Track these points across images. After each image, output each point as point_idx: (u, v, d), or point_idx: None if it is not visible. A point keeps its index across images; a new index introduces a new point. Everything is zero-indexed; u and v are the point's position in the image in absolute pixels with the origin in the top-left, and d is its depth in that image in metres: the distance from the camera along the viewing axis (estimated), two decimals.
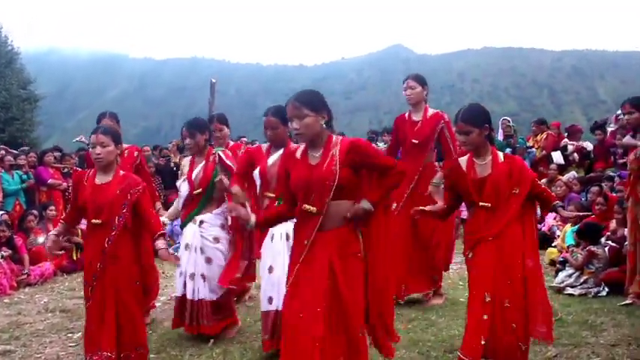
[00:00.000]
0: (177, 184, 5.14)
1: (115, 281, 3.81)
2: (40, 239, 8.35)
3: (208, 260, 4.83)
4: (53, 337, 5.27)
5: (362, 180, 3.20)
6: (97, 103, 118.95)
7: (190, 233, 4.89)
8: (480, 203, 3.62)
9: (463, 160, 3.78)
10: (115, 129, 4.13)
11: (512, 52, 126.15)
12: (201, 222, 4.87)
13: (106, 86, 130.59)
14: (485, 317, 3.49)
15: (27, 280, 7.73)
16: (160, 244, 3.79)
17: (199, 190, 4.84)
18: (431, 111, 5.72)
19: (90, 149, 3.95)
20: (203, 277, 4.81)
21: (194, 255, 4.82)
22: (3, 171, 9.46)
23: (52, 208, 9.02)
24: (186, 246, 4.87)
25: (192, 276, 4.80)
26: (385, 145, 10.83)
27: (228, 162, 4.86)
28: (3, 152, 9.99)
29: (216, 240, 4.86)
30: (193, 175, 4.91)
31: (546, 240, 8.09)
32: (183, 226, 5.03)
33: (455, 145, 5.47)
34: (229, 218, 4.80)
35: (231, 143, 5.88)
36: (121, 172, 3.99)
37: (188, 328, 4.87)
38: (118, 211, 3.80)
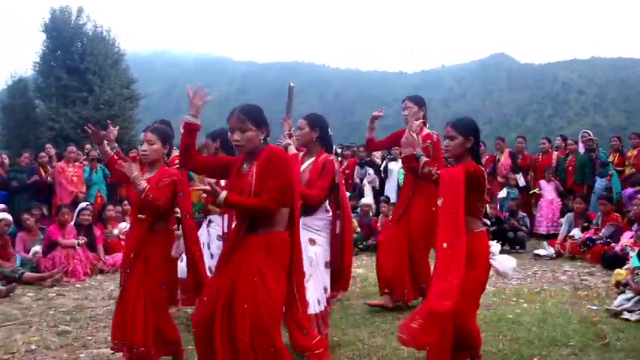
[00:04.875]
0: None
1: (141, 280, 3.94)
2: (115, 231, 8.87)
3: (212, 256, 5.07)
4: (108, 323, 5.55)
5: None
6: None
7: (202, 231, 5.20)
8: None
9: None
10: (164, 130, 4.28)
11: (622, 62, 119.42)
12: (210, 221, 5.19)
13: (209, 88, 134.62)
14: None
15: (100, 267, 8.23)
16: None
17: None
18: (425, 131, 5.75)
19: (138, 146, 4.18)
20: (210, 270, 5.03)
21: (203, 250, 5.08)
22: (87, 165, 10.14)
23: (126, 202, 9.53)
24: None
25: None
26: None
27: None
28: (89, 147, 10.69)
29: (220, 238, 5.06)
30: None
31: (618, 260, 7.70)
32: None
33: (440, 163, 5.52)
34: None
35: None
36: (166, 169, 4.13)
37: None
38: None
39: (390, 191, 11.10)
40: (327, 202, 4.62)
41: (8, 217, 7.84)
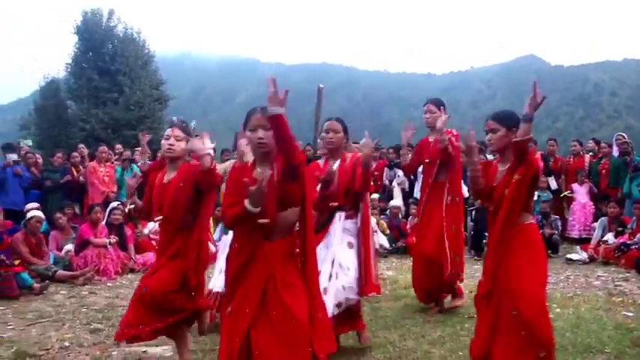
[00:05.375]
0: None
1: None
2: (146, 231, 8.96)
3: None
4: None
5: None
6: (228, 106, 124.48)
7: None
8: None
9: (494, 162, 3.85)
10: (190, 132, 4.30)
11: None
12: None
13: (236, 90, 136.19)
14: None
15: (131, 266, 8.32)
16: None
17: None
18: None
19: (163, 141, 4.17)
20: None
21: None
22: (118, 165, 10.26)
23: None
24: None
25: None
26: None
27: None
28: (120, 147, 10.83)
29: None
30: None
31: None
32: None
33: (457, 159, 5.59)
34: None
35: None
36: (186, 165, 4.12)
37: None
38: (182, 204, 3.95)
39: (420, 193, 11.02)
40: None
41: (40, 214, 7.96)
